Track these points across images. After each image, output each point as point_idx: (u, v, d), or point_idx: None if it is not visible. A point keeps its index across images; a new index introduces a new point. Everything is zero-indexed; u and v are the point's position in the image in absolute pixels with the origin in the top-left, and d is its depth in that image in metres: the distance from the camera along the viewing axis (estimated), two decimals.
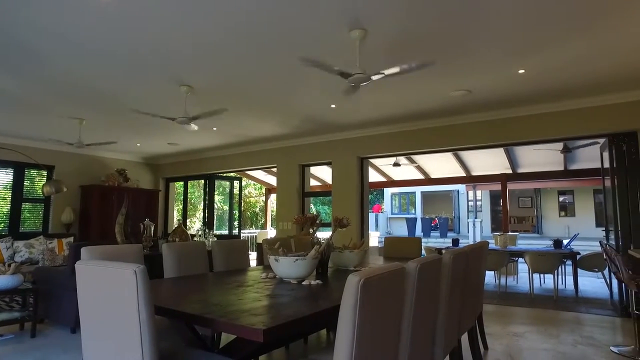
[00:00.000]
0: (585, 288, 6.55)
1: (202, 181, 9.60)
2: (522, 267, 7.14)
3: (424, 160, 9.86)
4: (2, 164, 6.93)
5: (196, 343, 2.32)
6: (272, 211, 12.84)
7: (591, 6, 2.74)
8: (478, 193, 17.78)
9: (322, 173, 10.26)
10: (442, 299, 2.25)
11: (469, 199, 18.43)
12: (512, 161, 9.56)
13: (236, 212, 9.71)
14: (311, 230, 3.04)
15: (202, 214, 9.38)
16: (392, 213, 20.77)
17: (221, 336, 3.08)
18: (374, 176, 10.94)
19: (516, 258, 6.79)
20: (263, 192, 14.56)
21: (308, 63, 3.45)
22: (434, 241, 15.23)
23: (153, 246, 5.41)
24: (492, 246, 6.95)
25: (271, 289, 2.25)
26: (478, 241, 4.80)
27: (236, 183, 9.72)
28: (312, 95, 4.66)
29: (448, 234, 17.06)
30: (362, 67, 3.23)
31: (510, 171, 10.23)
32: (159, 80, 4.15)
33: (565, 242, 7.21)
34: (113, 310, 1.59)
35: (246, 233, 12.71)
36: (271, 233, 11.69)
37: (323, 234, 8.50)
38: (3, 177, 7.01)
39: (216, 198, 11.36)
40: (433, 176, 11.39)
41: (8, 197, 7.01)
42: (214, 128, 6.27)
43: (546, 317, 4.71)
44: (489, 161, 9.64)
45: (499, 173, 10.50)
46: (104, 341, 1.65)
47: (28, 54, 3.52)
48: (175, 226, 7.46)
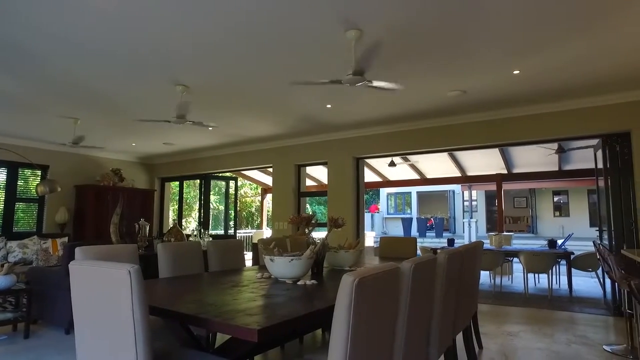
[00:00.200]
0: (579, 288, 6.60)
1: (198, 181, 9.58)
2: (517, 267, 7.18)
3: (420, 160, 9.89)
4: None
5: (191, 343, 2.32)
6: (268, 211, 12.83)
7: (586, 8, 2.76)
8: (473, 193, 17.86)
9: (318, 173, 10.26)
10: (437, 299, 2.26)
11: (465, 199, 18.52)
12: (507, 161, 9.62)
13: (232, 212, 9.69)
14: (307, 230, 3.04)
15: (198, 214, 9.36)
16: (388, 213, 20.81)
17: (216, 336, 3.07)
18: (370, 176, 10.96)
19: (511, 258, 6.83)
20: (259, 192, 14.54)
21: (300, 84, 3.47)
22: (430, 241, 15.28)
23: (148, 246, 5.39)
24: (487, 246, 6.98)
25: (266, 289, 2.25)
26: (473, 241, 4.82)
27: (232, 183, 9.71)
28: (308, 95, 4.66)
29: (444, 234, 17.11)
30: (358, 67, 3.23)
31: (505, 171, 10.29)
32: (155, 79, 4.13)
33: (559, 242, 7.25)
34: (107, 310, 1.58)
35: (242, 233, 12.69)
36: (267, 233, 11.68)
37: (319, 234, 8.50)
38: None
39: (212, 198, 11.34)
40: (429, 176, 11.43)
41: (1, 197, 6.95)
42: (210, 128, 6.25)
43: (540, 317, 4.74)
44: (485, 161, 9.68)
45: (494, 173, 10.56)
46: (98, 341, 1.64)
47: (23, 54, 3.49)
48: (170, 226, 7.45)
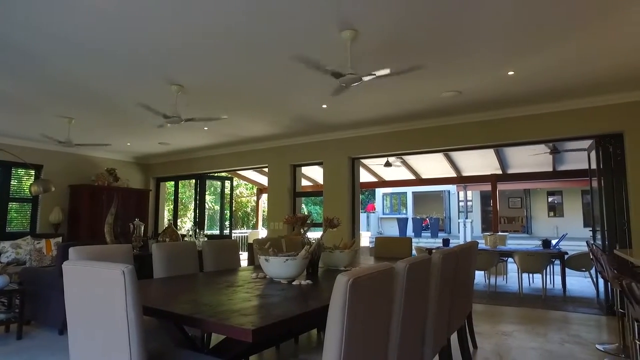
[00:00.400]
0: (572, 287, 6.64)
1: (193, 181, 9.55)
2: (512, 267, 7.21)
3: (415, 160, 9.92)
4: None
5: (185, 344, 2.31)
6: (264, 211, 12.82)
7: (580, 9, 2.78)
8: (469, 193, 17.94)
9: (314, 173, 10.26)
10: (432, 299, 2.26)
11: (460, 200, 18.58)
12: (502, 162, 9.66)
13: (227, 212, 9.67)
14: (302, 230, 3.04)
15: (193, 214, 9.33)
16: (384, 213, 20.85)
17: (211, 337, 3.06)
18: (365, 176, 10.98)
19: (506, 258, 6.86)
20: (254, 192, 14.52)
21: (301, 61, 3.45)
22: (425, 241, 15.32)
23: (143, 246, 5.37)
24: (482, 246, 7.00)
25: (261, 289, 2.25)
26: (468, 241, 4.84)
27: (227, 183, 9.68)
28: (304, 95, 4.66)
29: (439, 234, 17.17)
30: (354, 68, 3.24)
31: (500, 172, 10.34)
32: (150, 79, 4.11)
33: (553, 242, 7.30)
34: (101, 311, 1.58)
35: (237, 233, 12.66)
36: (262, 233, 11.66)
37: (314, 234, 8.51)
38: None
39: (207, 198, 11.31)
40: (424, 176, 11.46)
41: None
42: (205, 128, 6.24)
43: (535, 316, 4.77)
44: (480, 162, 9.73)
45: (489, 174, 10.61)
46: (92, 342, 1.64)
47: (19, 53, 3.46)
48: (165, 226, 7.41)
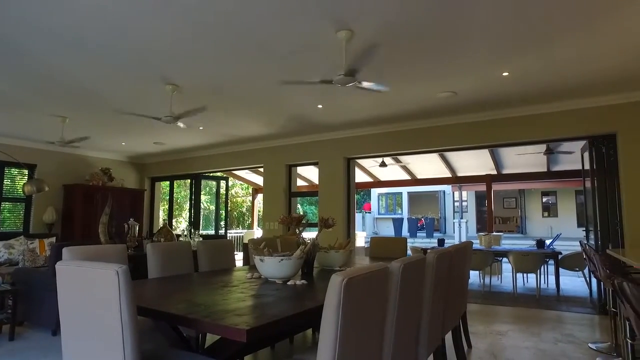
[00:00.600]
0: (566, 287, 6.69)
1: (188, 181, 9.52)
2: (506, 267, 7.25)
3: (411, 160, 9.95)
4: None
5: (180, 344, 2.30)
6: (259, 211, 12.80)
7: (574, 11, 2.80)
8: (464, 194, 18.00)
9: (309, 173, 10.27)
10: (426, 299, 2.27)
11: (455, 200, 18.66)
12: (497, 162, 9.71)
13: (222, 212, 9.65)
14: (297, 230, 3.04)
15: (188, 214, 9.30)
16: (379, 213, 20.89)
17: (206, 337, 3.06)
18: (361, 176, 10.99)
19: (500, 258, 6.89)
20: (250, 192, 14.50)
21: (290, 83, 3.47)
22: (420, 241, 15.36)
23: (137, 246, 5.34)
24: (477, 246, 7.04)
25: (256, 289, 2.25)
26: (463, 241, 4.87)
27: (223, 183, 9.67)
28: (300, 95, 4.66)
29: (434, 234, 17.23)
30: (349, 67, 3.25)
31: (495, 172, 10.39)
32: (145, 78, 4.10)
33: (547, 242, 7.35)
34: (94, 311, 1.57)
35: (233, 233, 12.63)
36: (258, 233, 11.65)
37: (310, 234, 8.50)
38: None
39: (202, 198, 11.28)
40: (419, 177, 11.49)
41: None
42: (200, 127, 6.22)
43: (529, 316, 4.80)
44: (475, 162, 9.77)
45: (484, 174, 10.66)
46: (85, 343, 1.63)
47: (12, 50, 3.44)
48: (160, 226, 7.38)
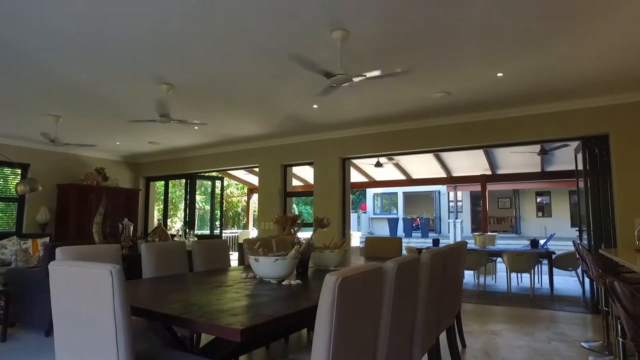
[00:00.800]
0: (560, 286, 6.74)
1: (183, 181, 9.48)
2: (501, 267, 7.29)
3: (406, 161, 9.98)
4: None
5: (174, 344, 2.30)
6: (254, 211, 12.79)
7: (568, 13, 2.83)
8: (459, 194, 18.09)
9: (304, 173, 10.26)
10: (421, 298, 2.28)
11: (450, 200, 18.74)
12: (492, 162, 9.77)
13: (218, 212, 9.62)
14: (292, 230, 3.04)
15: (183, 214, 9.27)
16: (374, 213, 20.93)
17: (200, 337, 3.05)
18: (356, 176, 11.01)
19: (495, 258, 6.93)
20: (245, 192, 14.47)
21: (295, 60, 3.45)
22: (415, 241, 15.41)
23: (132, 246, 5.32)
24: (472, 246, 7.07)
25: (251, 289, 2.25)
26: (458, 241, 4.89)
27: (218, 183, 9.64)
28: (295, 95, 4.66)
29: (429, 234, 17.28)
30: (344, 68, 3.25)
31: (489, 172, 10.45)
32: (140, 77, 4.08)
33: (541, 242, 7.39)
34: (88, 311, 1.56)
35: (228, 233, 12.61)
36: (253, 233, 11.63)
37: (305, 234, 8.50)
38: None
39: (197, 198, 11.25)
40: (414, 177, 11.53)
41: None
42: (195, 127, 6.20)
43: (522, 315, 4.83)
44: (469, 162, 9.82)
45: (479, 174, 10.72)
46: (78, 344, 1.62)
47: (2, 48, 3.41)
48: (155, 226, 7.36)
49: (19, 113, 5.37)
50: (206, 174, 9.06)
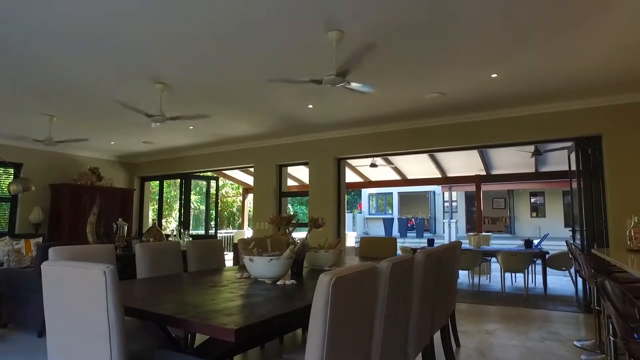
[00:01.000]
0: (553, 286, 6.78)
1: (178, 180, 9.45)
2: (495, 267, 7.32)
3: (401, 161, 10.00)
4: None
5: (168, 344, 2.29)
6: (249, 211, 12.76)
7: (561, 15, 2.85)
8: (453, 194, 18.15)
9: (300, 173, 10.26)
10: (415, 298, 2.29)
11: (445, 200, 18.81)
12: (486, 163, 9.82)
13: (213, 212, 9.60)
14: (287, 230, 3.04)
15: (178, 214, 9.23)
16: (370, 213, 20.97)
17: (195, 337, 3.04)
18: (351, 177, 11.03)
19: (489, 258, 6.97)
20: (240, 192, 14.44)
21: (277, 81, 3.48)
22: (410, 241, 15.45)
23: (126, 246, 5.29)
24: (466, 246, 7.10)
25: (245, 289, 2.24)
26: (452, 241, 4.91)
27: (213, 182, 9.62)
28: (290, 95, 4.65)
29: (424, 234, 17.34)
30: (339, 68, 3.26)
31: (484, 173, 10.50)
32: (134, 77, 4.06)
33: (535, 242, 7.44)
34: (81, 312, 1.55)
35: (223, 233, 12.58)
36: (248, 233, 11.61)
37: (301, 234, 8.50)
38: None
39: (192, 197, 11.21)
40: (409, 177, 11.57)
41: None
42: (191, 127, 6.19)
43: (516, 315, 4.86)
44: (464, 163, 9.86)
45: (474, 174, 10.77)
46: (71, 344, 1.61)
47: None
48: (149, 226, 7.32)
49: (12, 112, 5.33)
50: (201, 174, 9.03)
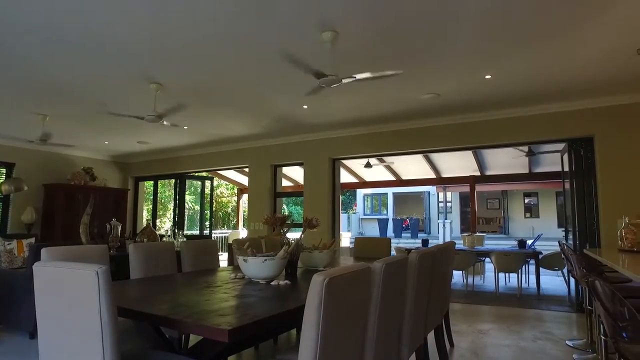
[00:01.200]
0: (546, 286, 6.83)
1: (173, 180, 9.41)
2: (489, 267, 7.37)
3: (396, 161, 10.03)
4: None
5: (162, 345, 2.28)
6: (244, 211, 12.72)
7: (554, 18, 2.87)
8: (448, 194, 18.24)
9: (294, 173, 10.26)
10: (409, 298, 2.30)
11: (440, 201, 18.89)
12: (480, 164, 9.86)
13: (207, 212, 9.57)
14: (282, 230, 3.04)
15: (173, 214, 9.20)
16: (364, 214, 21.00)
17: (189, 338, 3.03)
18: (346, 177, 11.03)
19: (483, 258, 7.01)
20: (235, 192, 14.41)
21: (288, 59, 3.45)
22: (405, 242, 15.49)
23: (120, 247, 5.26)
24: (461, 246, 7.14)
25: (239, 290, 2.24)
26: (447, 241, 4.94)
27: (207, 183, 9.59)
28: (285, 95, 4.65)
29: (419, 235, 17.39)
30: (334, 69, 3.26)
31: (478, 173, 10.55)
32: (129, 76, 4.04)
33: (529, 243, 7.49)
34: (73, 313, 1.54)
35: (217, 233, 12.54)
36: (243, 233, 11.58)
37: (295, 235, 8.49)
38: None
39: (187, 198, 11.17)
40: (404, 178, 11.60)
41: None
42: (185, 127, 6.17)
43: (510, 315, 4.89)
44: (458, 163, 9.90)
45: (468, 175, 10.82)
46: (64, 346, 1.60)
47: None
48: (144, 226, 7.28)
49: (4, 111, 5.28)
50: (196, 174, 9.00)
